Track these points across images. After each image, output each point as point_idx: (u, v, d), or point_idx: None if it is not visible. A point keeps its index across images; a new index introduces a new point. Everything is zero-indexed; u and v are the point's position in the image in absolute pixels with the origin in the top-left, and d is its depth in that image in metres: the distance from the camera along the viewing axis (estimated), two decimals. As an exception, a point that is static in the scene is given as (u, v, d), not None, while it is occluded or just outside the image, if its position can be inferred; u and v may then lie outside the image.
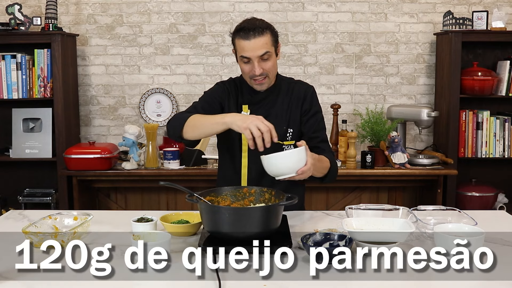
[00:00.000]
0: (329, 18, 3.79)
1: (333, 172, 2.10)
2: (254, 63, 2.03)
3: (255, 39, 2.00)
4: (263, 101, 2.16)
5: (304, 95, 2.18)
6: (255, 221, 1.66)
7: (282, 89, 2.19)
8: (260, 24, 2.04)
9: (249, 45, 2.01)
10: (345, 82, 3.84)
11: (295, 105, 2.17)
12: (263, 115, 2.12)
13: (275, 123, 2.13)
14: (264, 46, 2.02)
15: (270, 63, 2.06)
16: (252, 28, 2.01)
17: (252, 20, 2.07)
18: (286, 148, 2.13)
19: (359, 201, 3.63)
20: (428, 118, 3.52)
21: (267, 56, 2.04)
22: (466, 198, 3.53)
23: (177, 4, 3.79)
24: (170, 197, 3.69)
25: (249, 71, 2.06)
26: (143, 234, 1.65)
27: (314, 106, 2.18)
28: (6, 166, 3.77)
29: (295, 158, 1.80)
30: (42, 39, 3.48)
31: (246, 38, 2.01)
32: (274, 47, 2.08)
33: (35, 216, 2.03)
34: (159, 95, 3.82)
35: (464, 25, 3.50)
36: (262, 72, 2.05)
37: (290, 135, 2.16)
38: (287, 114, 2.16)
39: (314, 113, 2.17)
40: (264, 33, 2.02)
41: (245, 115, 1.90)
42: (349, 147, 3.41)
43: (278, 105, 2.17)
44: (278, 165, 1.80)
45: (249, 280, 1.49)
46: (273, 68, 2.09)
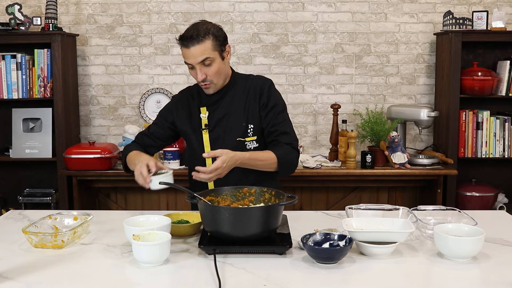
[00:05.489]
0: (329, 18, 3.79)
1: (285, 165, 2.14)
2: (197, 69, 2.10)
3: (194, 46, 2.06)
4: (220, 101, 2.21)
5: (261, 89, 2.20)
6: (255, 221, 1.66)
7: (238, 87, 2.22)
8: (201, 31, 2.07)
9: (189, 52, 2.08)
10: (345, 82, 3.84)
11: (253, 100, 2.20)
12: (221, 114, 2.20)
13: (234, 121, 2.19)
14: (203, 52, 2.06)
15: (212, 68, 2.10)
16: (190, 36, 2.07)
17: (195, 25, 2.11)
18: (248, 145, 2.19)
19: (359, 201, 3.63)
20: (428, 118, 3.53)
21: (209, 62, 2.09)
22: (466, 198, 3.53)
23: (177, 4, 3.79)
24: (170, 197, 3.69)
25: (195, 76, 2.13)
26: (143, 234, 1.65)
27: (271, 100, 2.20)
28: (6, 166, 3.77)
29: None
30: (42, 39, 3.48)
31: (186, 46, 2.08)
32: (218, 51, 2.11)
33: (35, 216, 2.03)
34: (159, 95, 3.83)
35: (464, 25, 3.50)
36: (204, 78, 2.11)
37: (251, 131, 2.19)
38: (246, 111, 2.19)
39: (272, 107, 2.19)
40: (204, 40, 2.06)
41: (142, 160, 2.00)
42: (349, 147, 3.41)
43: (235, 102, 2.20)
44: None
45: (249, 280, 1.49)
46: (217, 73, 2.13)
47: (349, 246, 1.60)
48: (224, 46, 2.13)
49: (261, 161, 2.10)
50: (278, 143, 2.15)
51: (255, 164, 2.10)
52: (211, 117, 2.20)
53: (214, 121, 2.19)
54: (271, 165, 2.12)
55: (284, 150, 2.14)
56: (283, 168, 2.14)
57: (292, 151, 2.16)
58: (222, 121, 2.19)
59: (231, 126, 2.18)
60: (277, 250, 1.67)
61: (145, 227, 1.72)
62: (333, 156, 3.56)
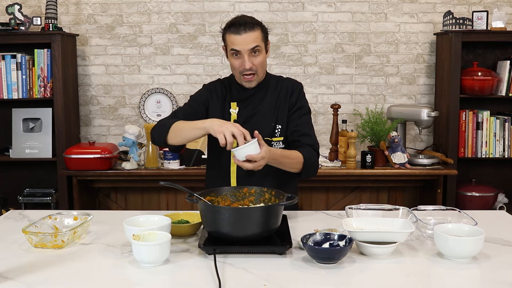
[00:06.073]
0: (329, 18, 3.79)
1: (310, 167, 2.11)
2: (244, 57, 2.08)
3: (246, 33, 2.06)
4: (251, 98, 2.20)
5: (292, 90, 2.21)
6: (255, 221, 1.66)
7: (270, 86, 2.22)
8: (251, 20, 2.10)
9: (240, 39, 2.06)
10: (345, 82, 3.84)
11: (283, 101, 2.20)
12: (251, 112, 2.18)
13: (263, 120, 2.17)
14: (254, 40, 2.07)
15: (259, 59, 2.10)
16: (243, 23, 2.07)
17: (243, 16, 2.12)
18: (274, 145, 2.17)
19: (359, 201, 3.63)
20: (428, 118, 3.53)
21: (257, 51, 2.09)
22: (466, 198, 3.53)
23: (177, 4, 3.79)
24: (170, 197, 3.69)
25: (239, 65, 2.11)
26: (143, 234, 1.65)
27: (299, 102, 2.20)
28: (6, 166, 3.77)
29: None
30: (42, 39, 3.48)
31: (237, 32, 2.07)
32: (264, 43, 2.13)
33: (35, 216, 2.03)
34: (159, 95, 3.83)
35: (464, 25, 3.50)
36: (251, 67, 2.09)
37: (278, 132, 2.18)
38: (275, 111, 2.19)
39: (298, 108, 2.20)
40: (255, 28, 2.08)
41: (222, 121, 1.93)
42: (349, 147, 3.41)
43: (266, 102, 2.20)
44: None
45: (249, 280, 1.49)
46: (262, 65, 2.13)
47: (349, 246, 1.60)
48: (268, 41, 2.15)
49: (289, 159, 2.05)
50: (301, 144, 2.13)
51: (284, 161, 2.04)
52: (241, 113, 2.18)
53: (244, 118, 2.17)
54: (297, 164, 2.08)
55: (309, 151, 2.12)
56: (307, 170, 2.10)
57: (315, 153, 2.15)
58: (252, 119, 2.17)
59: (260, 124, 2.15)
60: (277, 250, 1.67)
61: (145, 227, 1.72)
62: (333, 156, 3.56)
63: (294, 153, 2.08)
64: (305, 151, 2.10)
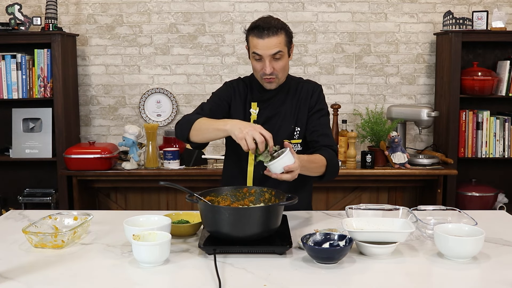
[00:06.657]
0: (329, 18, 3.79)
1: (332, 169, 2.08)
2: (266, 62, 2.05)
3: (268, 38, 2.02)
4: (271, 100, 2.18)
5: (312, 93, 2.21)
6: (255, 221, 1.66)
7: (291, 88, 2.21)
8: (275, 24, 2.05)
9: (262, 43, 2.03)
10: (345, 82, 3.84)
11: (303, 104, 2.19)
12: (271, 113, 2.16)
13: (283, 121, 2.16)
14: (277, 45, 2.03)
15: (281, 63, 2.08)
16: (267, 27, 2.02)
17: (268, 18, 2.08)
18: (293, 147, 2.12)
19: (359, 201, 3.63)
20: (428, 118, 3.52)
21: (279, 56, 2.06)
22: (466, 198, 3.53)
23: (177, 4, 3.79)
24: (170, 197, 3.69)
25: (260, 69, 2.08)
26: (143, 234, 1.65)
27: (318, 104, 2.20)
28: (6, 166, 3.77)
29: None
30: (42, 39, 3.48)
31: (259, 36, 2.03)
32: (287, 47, 2.09)
33: (35, 216, 2.03)
34: (159, 95, 3.83)
35: (464, 25, 3.50)
36: (272, 71, 2.07)
37: (297, 134, 2.18)
38: (295, 113, 2.18)
39: (318, 109, 2.19)
40: (278, 33, 2.03)
41: (244, 123, 1.88)
42: (349, 147, 3.41)
43: (287, 104, 2.19)
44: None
45: (249, 280, 1.49)
46: (284, 69, 2.11)
47: (349, 246, 1.60)
48: (291, 44, 2.12)
49: (314, 164, 2.00)
50: (320, 146, 2.11)
51: (310, 166, 1.97)
52: (261, 114, 2.16)
53: (263, 119, 2.15)
54: (321, 168, 2.03)
55: (329, 153, 2.09)
56: (330, 172, 2.06)
57: (335, 155, 2.13)
58: (271, 120, 2.16)
59: (279, 126, 2.15)
60: (277, 250, 1.67)
61: (145, 227, 1.72)
62: (333, 156, 3.55)
63: (317, 157, 2.04)
64: (326, 153, 2.07)
